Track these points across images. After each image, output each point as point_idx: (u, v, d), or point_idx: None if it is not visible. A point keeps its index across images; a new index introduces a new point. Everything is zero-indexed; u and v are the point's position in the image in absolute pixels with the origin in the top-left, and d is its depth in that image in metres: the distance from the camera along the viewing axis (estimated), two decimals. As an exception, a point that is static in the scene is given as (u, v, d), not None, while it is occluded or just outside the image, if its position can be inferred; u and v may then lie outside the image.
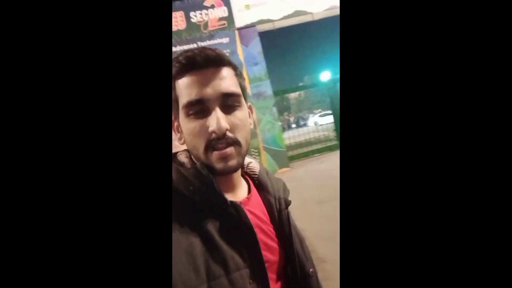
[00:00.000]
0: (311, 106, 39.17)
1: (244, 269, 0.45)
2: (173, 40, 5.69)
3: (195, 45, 5.72)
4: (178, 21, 5.75)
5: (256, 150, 5.85)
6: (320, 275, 0.56)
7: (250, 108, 0.56)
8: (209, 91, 0.47)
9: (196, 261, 0.42)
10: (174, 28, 5.71)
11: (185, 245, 0.42)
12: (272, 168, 5.88)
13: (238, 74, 0.52)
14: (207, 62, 0.48)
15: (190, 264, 0.42)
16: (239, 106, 0.50)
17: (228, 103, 0.48)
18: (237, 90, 0.50)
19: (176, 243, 0.42)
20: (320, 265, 1.92)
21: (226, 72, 0.49)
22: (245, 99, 0.53)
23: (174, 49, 5.69)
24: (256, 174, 0.58)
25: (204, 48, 0.49)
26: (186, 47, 5.72)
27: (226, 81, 0.48)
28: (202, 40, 5.78)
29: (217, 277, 0.43)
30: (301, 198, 3.43)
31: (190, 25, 5.78)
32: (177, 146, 0.53)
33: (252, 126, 0.54)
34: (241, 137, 0.49)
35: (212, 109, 0.47)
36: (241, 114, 0.50)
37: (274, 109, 6.08)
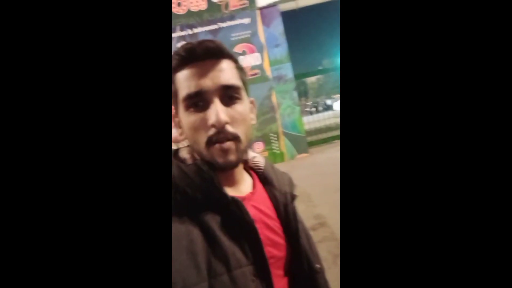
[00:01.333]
0: (330, 91, 38.23)
1: (246, 266, 0.44)
2: (194, 21, 5.62)
3: (216, 26, 5.64)
4: (199, 1, 5.64)
5: (275, 135, 5.80)
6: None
7: (252, 103, 0.55)
8: (208, 82, 0.46)
9: (197, 258, 0.41)
10: (195, 9, 5.64)
11: (186, 242, 0.42)
12: (291, 153, 5.84)
13: (239, 67, 0.51)
14: (207, 54, 0.47)
15: (191, 261, 0.41)
16: (239, 99, 0.49)
17: (228, 95, 0.48)
18: (237, 82, 0.49)
19: (176, 240, 0.41)
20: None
21: (226, 64, 0.49)
22: (247, 93, 0.52)
23: (196, 30, 5.63)
24: (261, 169, 0.57)
25: (203, 40, 0.49)
26: (207, 28, 5.69)
27: (226, 73, 0.48)
28: (223, 21, 5.67)
29: (218, 274, 0.42)
30: (322, 185, 3.36)
31: (211, 5, 5.67)
32: (180, 143, 0.53)
33: (253, 122, 0.53)
34: (241, 131, 0.48)
35: (211, 101, 0.47)
36: (241, 107, 0.49)
37: (295, 93, 5.95)
